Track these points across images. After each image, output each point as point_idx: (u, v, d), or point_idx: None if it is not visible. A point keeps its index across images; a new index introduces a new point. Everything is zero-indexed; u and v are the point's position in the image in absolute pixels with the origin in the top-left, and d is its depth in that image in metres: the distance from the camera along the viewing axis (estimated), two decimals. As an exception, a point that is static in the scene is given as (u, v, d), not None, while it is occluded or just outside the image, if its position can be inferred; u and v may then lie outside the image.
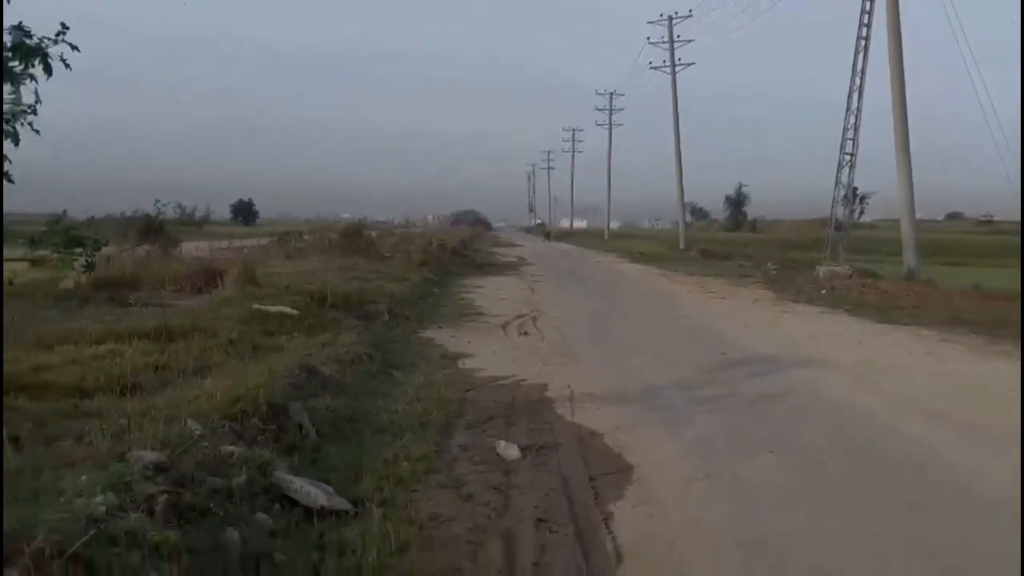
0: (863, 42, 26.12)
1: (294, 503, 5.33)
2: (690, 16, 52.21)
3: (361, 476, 6.13)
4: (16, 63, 5.78)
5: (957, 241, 59.06)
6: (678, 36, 53.35)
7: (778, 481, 6.38)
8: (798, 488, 6.21)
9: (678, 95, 53.27)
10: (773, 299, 21.24)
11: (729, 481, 6.40)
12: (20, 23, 5.80)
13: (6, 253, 6.97)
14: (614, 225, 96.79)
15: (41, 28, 5.84)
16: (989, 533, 5.25)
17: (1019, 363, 10.55)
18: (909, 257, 24.69)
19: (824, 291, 21.78)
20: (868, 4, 25.76)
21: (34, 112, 5.90)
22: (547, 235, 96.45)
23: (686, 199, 56.66)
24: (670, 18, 53.31)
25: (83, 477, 4.48)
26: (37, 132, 5.93)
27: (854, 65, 26.37)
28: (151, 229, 28.46)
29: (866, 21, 25.95)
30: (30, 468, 4.71)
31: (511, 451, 7.05)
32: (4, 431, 5.26)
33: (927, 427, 7.97)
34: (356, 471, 6.25)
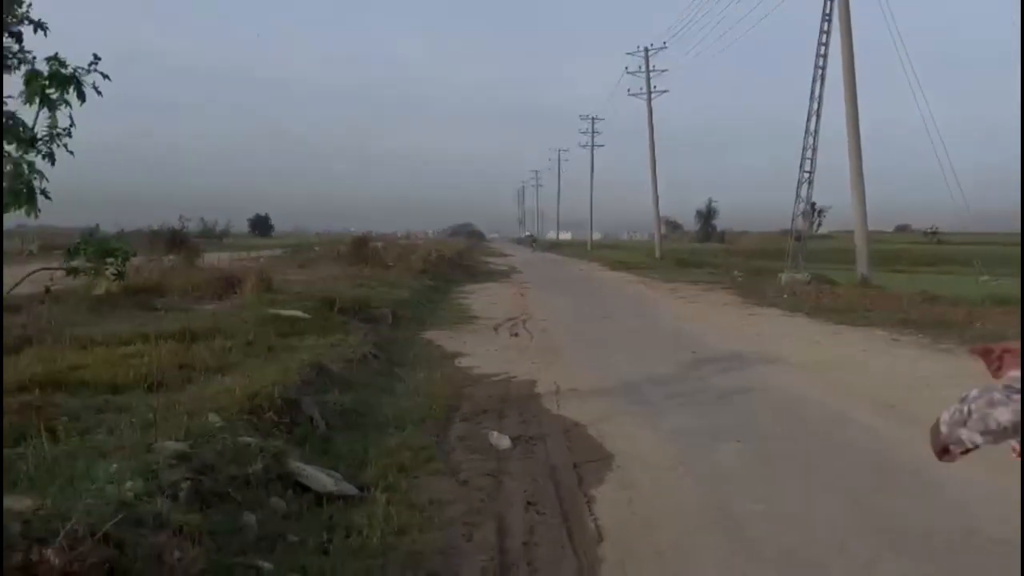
0: (820, 71, 26.21)
1: (305, 489, 5.32)
2: (664, 48, 52.44)
3: (367, 464, 6.12)
4: (52, 90, 5.78)
5: (905, 251, 59.11)
6: (654, 66, 53.54)
7: (745, 467, 6.39)
8: (763, 473, 6.22)
9: (655, 117, 53.49)
10: (740, 303, 21.26)
11: (700, 467, 6.41)
12: (56, 54, 5.79)
13: (46, 263, 6.95)
14: (596, 236, 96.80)
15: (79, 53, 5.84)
16: (937, 511, 5.27)
17: (960, 359, 10.60)
18: (862, 265, 24.78)
19: (786, 296, 21.82)
20: (824, 37, 25.87)
21: (69, 135, 5.89)
22: (532, 244, 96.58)
23: (661, 213, 56.79)
24: (646, 50, 53.46)
25: (114, 465, 4.47)
26: (71, 153, 5.91)
27: (812, 91, 26.44)
28: (176, 241, 28.39)
29: (823, 52, 26.06)
30: (66, 457, 4.70)
31: (503, 441, 7.05)
32: (41, 424, 5.25)
33: (880, 417, 8.00)
34: (362, 460, 6.24)
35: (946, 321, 14.95)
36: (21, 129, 5.73)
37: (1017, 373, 1.93)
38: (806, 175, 27.32)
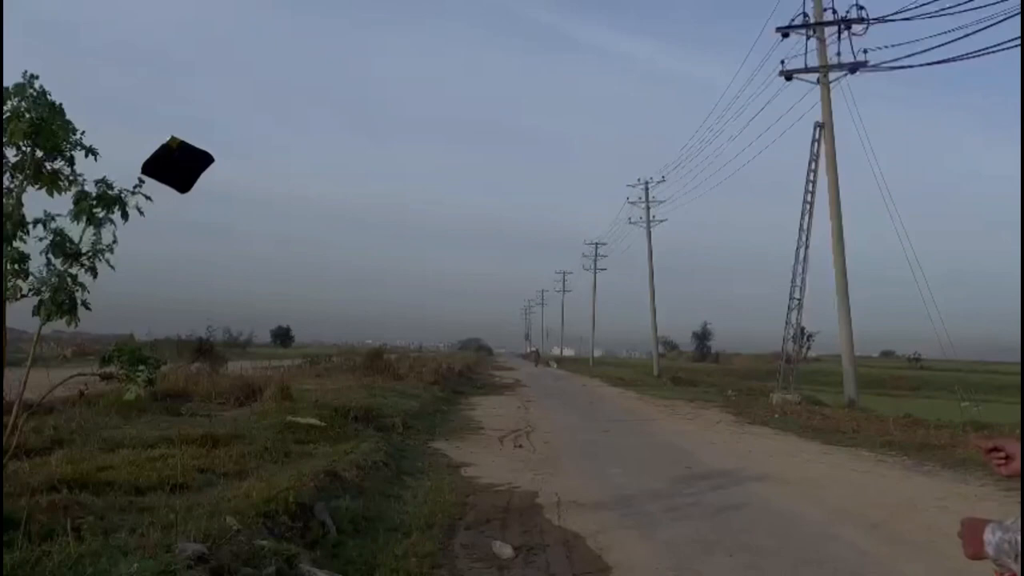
0: (808, 206, 26.72)
1: (315, 592, 5.25)
2: (663, 181, 53.21)
3: (375, 569, 6.04)
4: (99, 210, 5.95)
5: (890, 375, 58.87)
6: (653, 197, 54.46)
7: (736, 581, 6.28)
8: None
9: (654, 242, 54.13)
10: (733, 421, 21.07)
11: (694, 581, 6.29)
12: (104, 177, 5.99)
13: (79, 367, 7.04)
14: (597, 353, 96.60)
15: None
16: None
17: (942, 481, 10.52)
18: (849, 388, 24.68)
19: (777, 415, 21.65)
20: (812, 175, 26.47)
21: (111, 251, 6.03)
22: (535, 361, 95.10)
23: (659, 333, 56.87)
24: (646, 183, 54.49)
25: (135, 565, 4.44)
26: (113, 268, 6.04)
27: (800, 225, 26.91)
28: (203, 350, 28.56)
29: (810, 189, 26.62)
30: (90, 555, 4.67)
31: (505, 550, 6.94)
32: (68, 522, 5.22)
33: (864, 535, 7.86)
34: (371, 564, 6.16)
35: (929, 444, 14.78)
36: (68, 244, 5.89)
37: None
38: (795, 302, 27.52)
